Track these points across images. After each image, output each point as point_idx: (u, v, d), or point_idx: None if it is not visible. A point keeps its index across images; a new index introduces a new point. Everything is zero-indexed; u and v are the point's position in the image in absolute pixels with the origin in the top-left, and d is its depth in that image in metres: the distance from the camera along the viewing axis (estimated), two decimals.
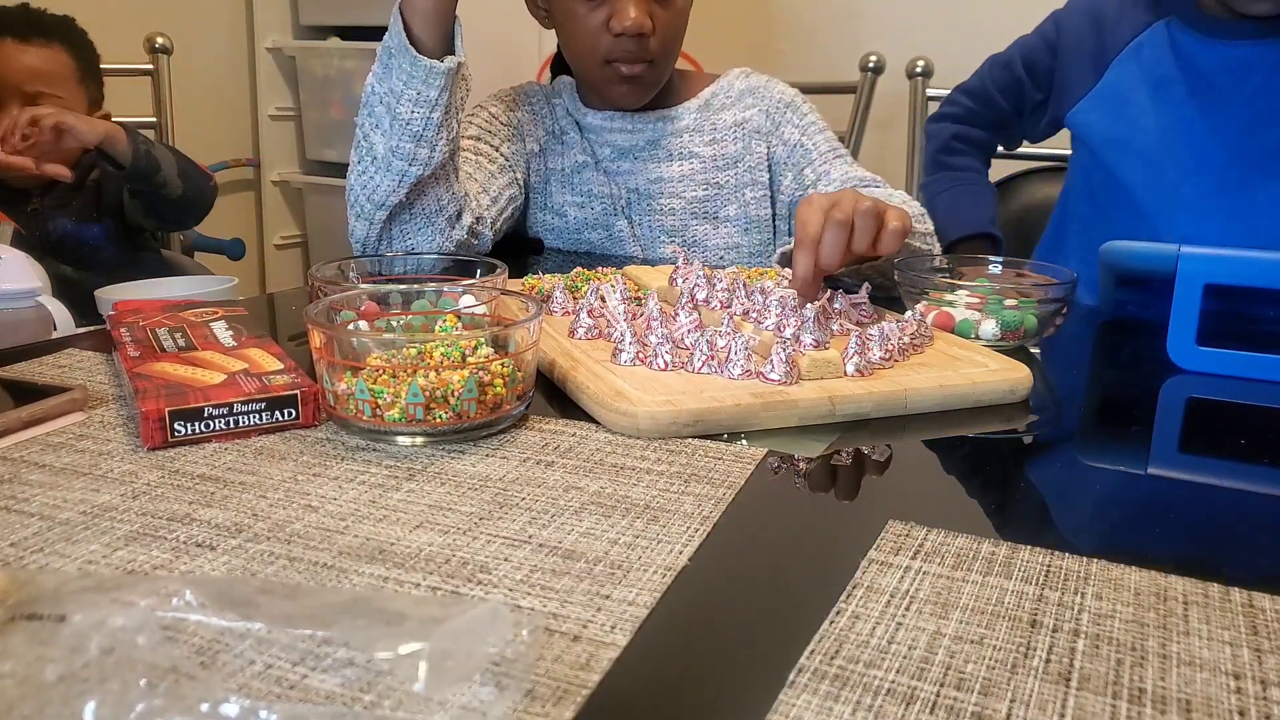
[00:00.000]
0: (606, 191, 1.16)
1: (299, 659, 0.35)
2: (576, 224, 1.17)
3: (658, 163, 1.15)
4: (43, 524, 0.46)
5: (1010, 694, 0.35)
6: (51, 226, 1.45)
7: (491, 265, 0.78)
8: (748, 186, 1.15)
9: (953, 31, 2.09)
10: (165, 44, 1.76)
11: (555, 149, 1.17)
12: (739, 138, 1.15)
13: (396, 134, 0.92)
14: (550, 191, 1.17)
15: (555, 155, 1.17)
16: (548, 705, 0.33)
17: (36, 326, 0.88)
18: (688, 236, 1.15)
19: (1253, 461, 0.61)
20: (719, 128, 1.15)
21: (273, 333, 0.74)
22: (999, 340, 0.79)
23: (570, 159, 1.16)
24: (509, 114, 1.16)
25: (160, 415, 0.55)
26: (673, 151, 1.15)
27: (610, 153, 1.16)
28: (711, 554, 0.45)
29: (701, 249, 1.15)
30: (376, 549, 0.44)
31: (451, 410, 0.55)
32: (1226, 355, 0.75)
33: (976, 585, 0.42)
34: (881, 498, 0.53)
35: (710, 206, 1.15)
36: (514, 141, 1.15)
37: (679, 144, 1.15)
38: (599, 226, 1.17)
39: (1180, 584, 0.43)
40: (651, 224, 1.15)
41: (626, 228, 1.16)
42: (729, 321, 0.68)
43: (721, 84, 1.18)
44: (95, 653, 0.31)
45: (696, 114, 1.16)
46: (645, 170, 1.15)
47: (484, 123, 1.14)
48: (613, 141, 1.16)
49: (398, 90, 0.91)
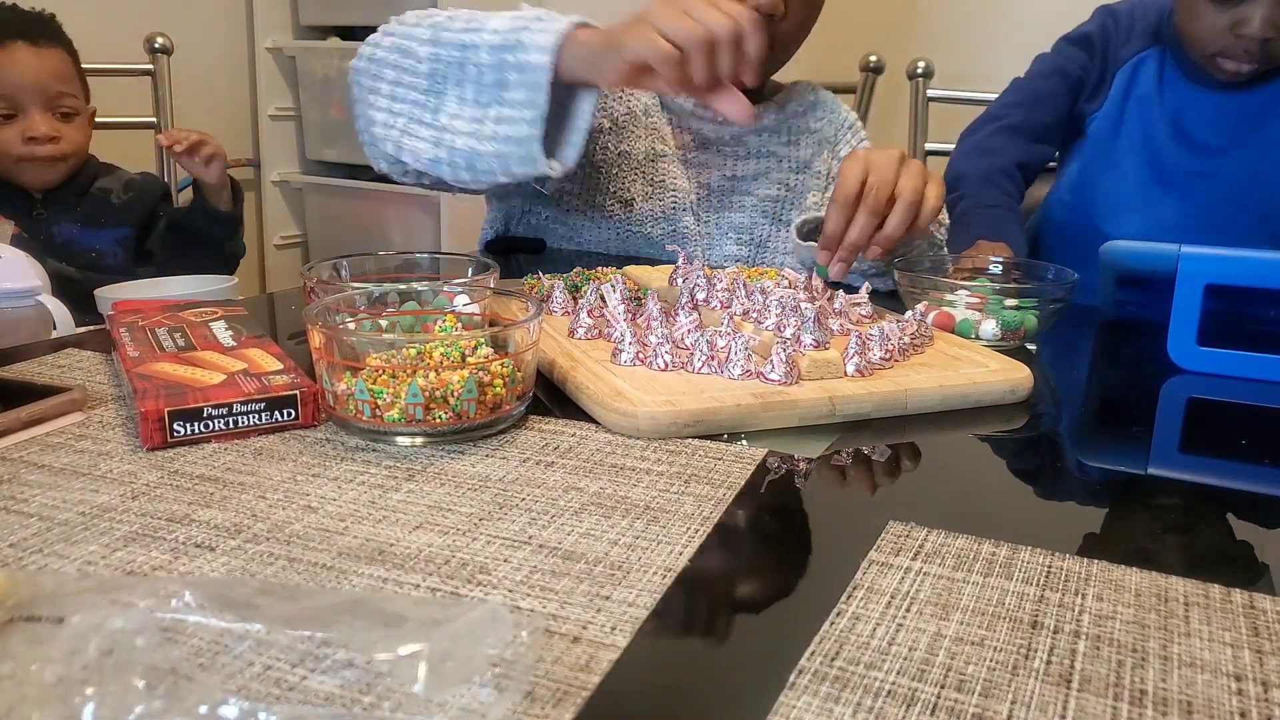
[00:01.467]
0: (680, 185, 1.13)
1: (298, 660, 0.35)
2: (641, 215, 1.13)
3: (738, 159, 1.14)
4: (42, 524, 0.46)
5: (1011, 695, 0.35)
6: (56, 230, 1.46)
7: (485, 264, 0.78)
8: (810, 191, 1.16)
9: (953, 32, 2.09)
10: (165, 44, 1.76)
11: (632, 131, 1.12)
12: (811, 145, 1.17)
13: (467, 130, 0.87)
14: (616, 175, 1.12)
15: (631, 137, 1.12)
16: (547, 707, 0.33)
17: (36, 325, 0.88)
18: (756, 236, 1.14)
19: (1253, 461, 0.61)
20: (795, 131, 1.17)
21: (272, 333, 0.74)
22: (999, 340, 0.79)
23: (646, 145, 1.12)
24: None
25: (160, 415, 0.54)
26: (753, 149, 1.15)
27: (693, 141, 1.14)
28: (711, 555, 0.45)
29: (766, 250, 1.15)
30: (376, 550, 0.44)
31: (451, 410, 0.55)
32: (1227, 355, 0.75)
33: (977, 586, 0.42)
34: (882, 498, 0.53)
35: (779, 208, 1.15)
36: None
37: (759, 142, 1.15)
38: (664, 220, 1.13)
39: (1181, 585, 0.43)
40: (720, 221, 1.14)
41: (693, 224, 1.13)
42: (729, 321, 0.68)
43: (794, 90, 1.20)
44: (94, 654, 0.31)
45: (777, 115, 1.16)
46: (724, 165, 1.14)
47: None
48: (699, 130, 1.14)
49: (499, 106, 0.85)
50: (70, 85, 1.48)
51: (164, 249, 1.56)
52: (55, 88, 1.45)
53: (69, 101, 1.47)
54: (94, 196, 1.51)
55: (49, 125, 1.43)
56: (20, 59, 1.43)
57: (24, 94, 1.42)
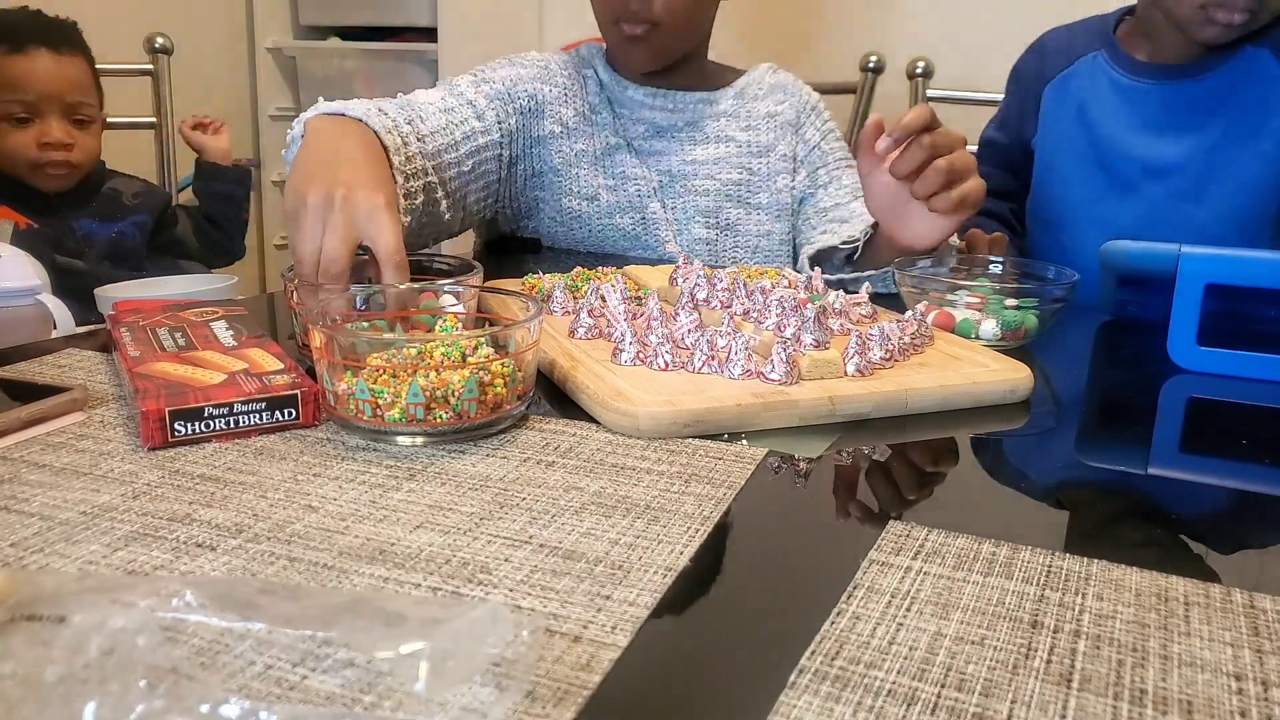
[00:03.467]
0: (639, 174, 1.14)
1: (299, 660, 0.35)
2: (609, 208, 1.15)
3: (695, 144, 1.15)
4: (42, 524, 0.46)
5: (1011, 695, 0.35)
6: (75, 225, 1.48)
7: (468, 265, 0.77)
8: (779, 175, 1.16)
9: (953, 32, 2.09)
10: (165, 44, 1.76)
11: (584, 130, 1.14)
12: (772, 128, 1.17)
13: None
14: (578, 175, 1.14)
15: (584, 136, 1.14)
16: (548, 706, 0.33)
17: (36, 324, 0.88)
18: (721, 219, 1.15)
19: (1253, 461, 0.61)
20: (754, 116, 1.17)
21: (273, 332, 0.74)
22: (999, 340, 0.79)
23: (601, 140, 1.14)
24: (533, 85, 1.12)
25: (160, 415, 0.54)
26: (710, 134, 1.16)
27: (645, 131, 1.15)
28: (712, 554, 0.45)
29: (735, 234, 1.15)
30: (377, 549, 0.44)
31: (452, 410, 0.55)
32: (1227, 355, 0.75)
33: (977, 586, 0.42)
34: (882, 498, 0.53)
35: (744, 191, 1.15)
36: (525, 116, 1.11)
37: (716, 127, 1.16)
38: (631, 210, 1.15)
39: (1181, 585, 0.43)
40: (685, 205, 1.14)
41: (660, 210, 1.15)
42: (729, 321, 0.68)
43: (752, 76, 1.21)
44: (95, 654, 0.31)
45: (733, 100, 1.17)
46: (681, 151, 1.15)
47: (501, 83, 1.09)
48: (650, 119, 1.15)
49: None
50: (88, 94, 1.51)
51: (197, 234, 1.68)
52: (73, 96, 1.48)
53: (86, 110, 1.50)
54: (106, 195, 1.56)
55: (64, 131, 1.47)
56: (42, 65, 1.45)
57: (43, 100, 1.46)
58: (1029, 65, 1.24)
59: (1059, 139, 1.18)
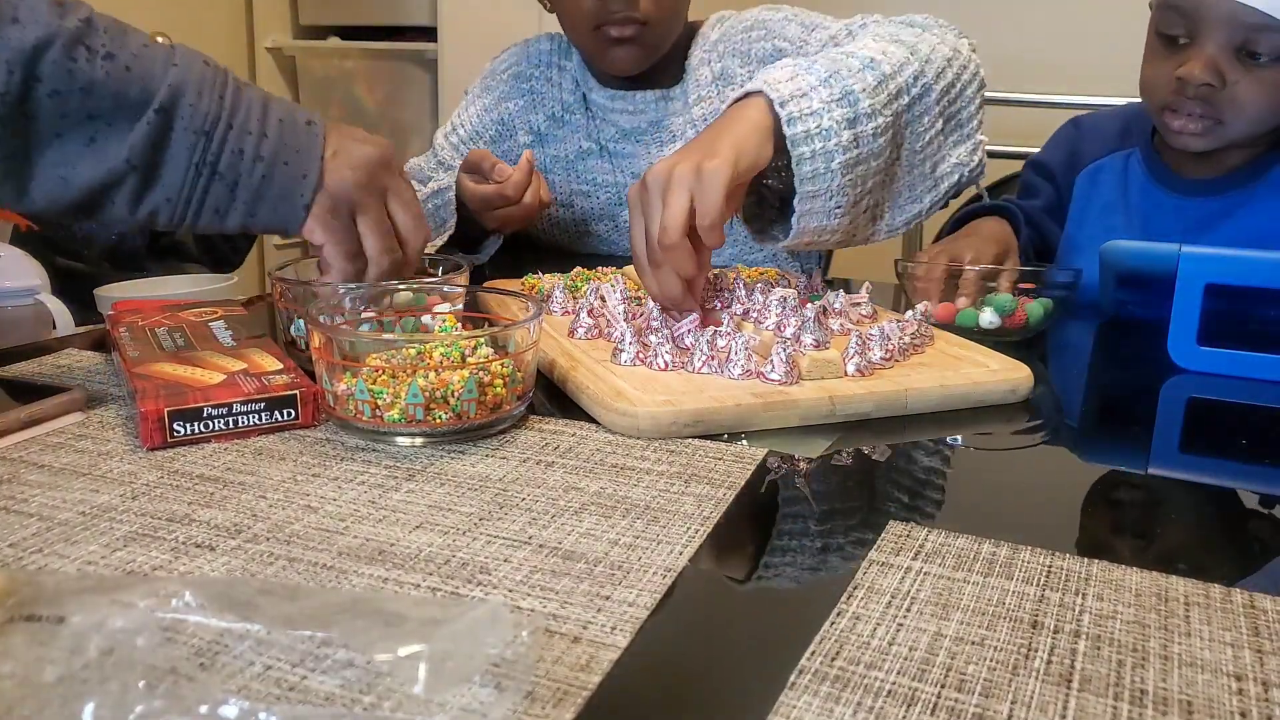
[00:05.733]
0: (611, 180, 1.12)
1: (298, 660, 0.35)
2: (584, 214, 1.13)
3: (662, 144, 1.10)
4: (42, 524, 0.46)
5: (1011, 695, 0.35)
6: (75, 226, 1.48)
7: (456, 264, 0.77)
8: None
9: None
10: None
11: (556, 134, 1.13)
12: (720, 92, 1.07)
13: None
14: (552, 183, 1.13)
15: (556, 141, 1.13)
16: (548, 707, 0.33)
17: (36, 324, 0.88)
18: None
19: (1253, 461, 0.61)
20: (701, 85, 1.08)
21: (272, 333, 0.74)
22: (999, 326, 0.78)
23: (573, 144, 1.13)
24: (500, 106, 1.13)
25: (160, 415, 0.54)
26: (675, 132, 1.10)
27: (614, 134, 1.12)
28: (712, 554, 0.45)
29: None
30: (376, 550, 0.44)
31: (451, 410, 0.55)
32: (1227, 355, 0.75)
33: (977, 586, 0.42)
34: (882, 498, 0.53)
35: None
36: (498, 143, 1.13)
37: (680, 123, 1.10)
38: (605, 217, 1.14)
39: (1181, 585, 0.43)
40: None
41: None
42: (729, 321, 0.68)
43: (698, 38, 1.11)
44: (94, 654, 0.31)
45: (691, 85, 1.09)
46: (649, 154, 1.11)
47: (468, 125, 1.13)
48: (617, 122, 1.11)
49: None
50: None
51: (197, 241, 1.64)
52: None
53: None
54: None
55: None
56: None
57: None
58: (1069, 150, 1.17)
59: (1084, 228, 1.13)
